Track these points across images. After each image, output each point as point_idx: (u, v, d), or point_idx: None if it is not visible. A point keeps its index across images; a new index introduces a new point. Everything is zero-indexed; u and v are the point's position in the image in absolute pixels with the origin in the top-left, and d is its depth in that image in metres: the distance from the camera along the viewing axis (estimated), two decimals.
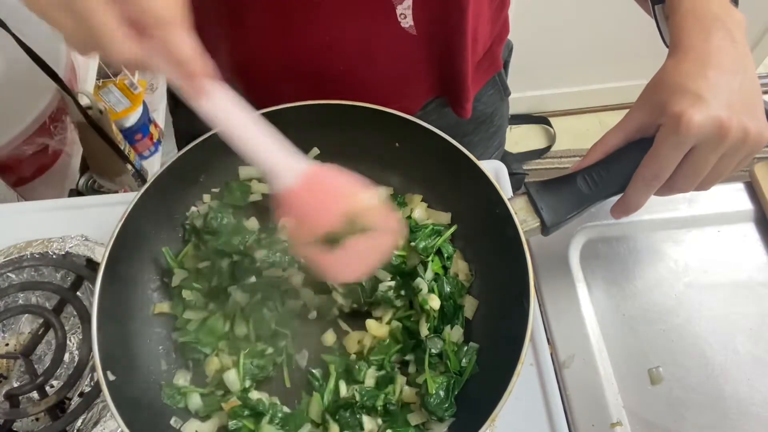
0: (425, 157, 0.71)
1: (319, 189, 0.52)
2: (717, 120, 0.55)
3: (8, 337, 0.70)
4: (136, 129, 1.65)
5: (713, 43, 0.58)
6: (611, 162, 0.62)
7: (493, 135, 1.02)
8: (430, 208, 0.75)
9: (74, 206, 0.83)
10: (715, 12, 0.59)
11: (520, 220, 0.62)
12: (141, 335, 0.67)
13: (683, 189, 0.61)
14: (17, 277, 0.74)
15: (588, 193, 0.63)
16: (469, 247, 0.72)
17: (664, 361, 0.69)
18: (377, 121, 0.70)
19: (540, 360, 0.68)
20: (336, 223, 0.52)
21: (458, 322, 0.68)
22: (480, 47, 0.85)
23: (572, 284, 0.74)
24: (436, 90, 0.86)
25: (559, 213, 0.63)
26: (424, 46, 0.77)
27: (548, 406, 0.65)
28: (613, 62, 2.22)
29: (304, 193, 0.52)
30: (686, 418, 0.66)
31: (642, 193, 0.61)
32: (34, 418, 0.66)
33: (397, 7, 0.71)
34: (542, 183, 0.64)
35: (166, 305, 0.70)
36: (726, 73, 0.57)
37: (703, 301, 0.73)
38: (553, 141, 2.41)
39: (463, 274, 0.71)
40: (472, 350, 0.65)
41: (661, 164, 0.58)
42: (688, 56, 0.58)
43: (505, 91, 0.99)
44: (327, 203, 0.52)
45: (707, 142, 0.56)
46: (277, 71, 0.79)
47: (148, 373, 0.66)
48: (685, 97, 0.56)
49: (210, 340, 0.67)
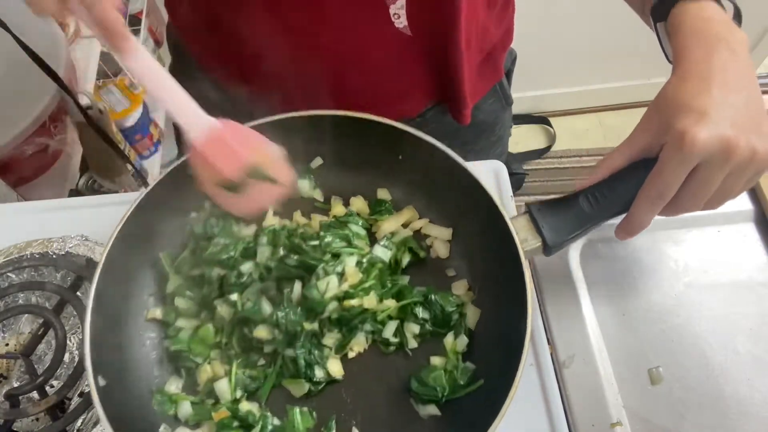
0: (427, 171, 0.71)
1: (222, 143, 0.61)
2: (723, 138, 0.54)
3: (8, 337, 0.70)
4: (136, 129, 1.65)
5: (716, 62, 0.57)
6: (614, 182, 0.62)
7: (494, 144, 1.01)
8: (432, 222, 0.75)
9: (74, 206, 0.83)
10: (717, 31, 0.58)
11: (521, 239, 0.62)
12: (135, 340, 0.67)
13: (689, 208, 0.59)
14: (17, 277, 0.74)
15: (590, 213, 0.62)
16: (470, 264, 0.72)
17: (664, 361, 0.69)
18: (380, 134, 0.70)
19: (540, 360, 0.68)
20: (235, 172, 0.61)
21: (462, 331, 0.67)
22: (476, 50, 0.85)
23: (572, 284, 0.74)
24: (434, 95, 0.86)
25: (561, 233, 0.62)
26: (419, 47, 0.77)
27: (548, 406, 0.65)
28: (613, 62, 2.22)
29: (209, 145, 0.60)
30: (686, 418, 0.66)
31: (646, 212, 0.60)
32: (34, 418, 0.66)
33: (390, 6, 0.71)
34: (544, 203, 0.64)
35: (159, 311, 0.69)
36: (731, 91, 0.56)
37: (703, 301, 0.73)
38: (553, 141, 2.41)
39: (462, 291, 0.71)
40: (467, 371, 0.65)
41: (666, 182, 0.57)
42: (691, 75, 0.57)
43: (506, 101, 0.98)
44: (228, 155, 0.61)
45: (713, 159, 0.55)
46: (276, 73, 0.80)
47: (140, 379, 0.65)
48: (689, 115, 0.55)
49: (202, 349, 0.67)
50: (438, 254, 0.73)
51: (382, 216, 0.74)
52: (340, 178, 0.77)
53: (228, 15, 0.76)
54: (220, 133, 0.60)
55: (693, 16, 0.60)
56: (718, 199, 0.59)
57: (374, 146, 0.72)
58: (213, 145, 0.60)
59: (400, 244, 0.72)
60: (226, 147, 0.61)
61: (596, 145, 2.41)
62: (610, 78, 2.34)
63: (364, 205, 0.76)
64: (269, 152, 0.63)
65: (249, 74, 0.83)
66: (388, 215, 0.75)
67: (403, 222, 0.75)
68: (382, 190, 0.76)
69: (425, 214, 0.75)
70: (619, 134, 2.41)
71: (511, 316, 0.60)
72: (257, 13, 0.73)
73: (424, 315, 0.68)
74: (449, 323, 0.68)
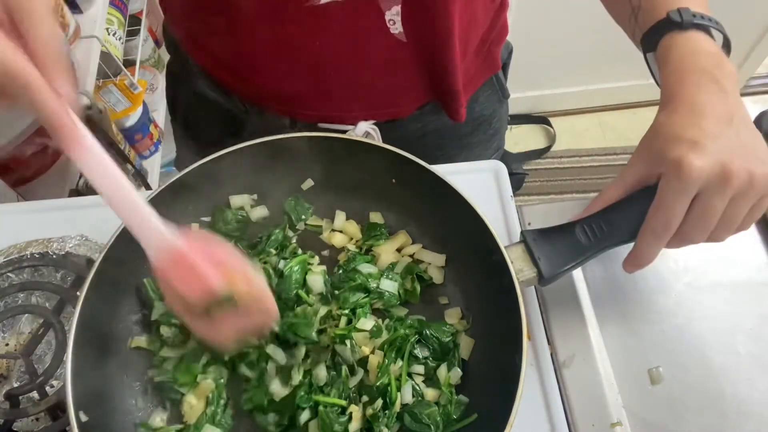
0: (422, 196, 0.70)
1: (186, 263, 0.51)
2: (718, 163, 0.54)
3: (8, 337, 0.70)
4: (136, 129, 1.66)
5: (704, 96, 0.57)
6: (611, 213, 0.62)
7: (491, 137, 1.01)
8: (425, 248, 0.73)
9: (74, 206, 0.83)
10: (705, 65, 0.59)
11: (516, 270, 0.61)
12: (118, 370, 0.64)
13: (694, 239, 0.59)
14: (17, 277, 0.74)
15: (587, 245, 0.61)
16: (463, 292, 0.71)
17: (664, 361, 0.69)
18: (373, 157, 0.69)
19: (540, 360, 0.68)
20: (201, 298, 0.51)
21: (455, 363, 0.66)
22: (472, 50, 0.85)
23: (572, 284, 0.74)
24: (428, 95, 0.86)
25: (557, 264, 0.62)
26: (415, 52, 0.77)
27: (548, 406, 0.65)
28: (613, 62, 2.22)
29: (172, 265, 0.51)
30: (686, 418, 0.66)
31: (653, 245, 0.60)
32: (34, 418, 0.66)
33: (386, 12, 0.71)
34: (540, 231, 0.63)
35: (144, 339, 0.67)
36: (720, 123, 0.56)
37: (703, 301, 0.73)
38: (553, 141, 2.42)
39: (455, 320, 0.70)
40: (461, 404, 0.64)
41: (667, 214, 0.57)
42: (680, 109, 0.58)
43: (503, 93, 0.98)
44: (193, 278, 0.51)
45: (711, 186, 0.55)
46: (270, 71, 0.80)
47: (124, 413, 0.63)
48: (681, 144, 0.55)
49: (187, 379, 0.64)
50: (432, 281, 0.72)
51: (378, 241, 0.73)
52: (331, 200, 0.75)
53: (223, 20, 0.76)
54: (184, 252, 0.51)
55: (680, 50, 0.61)
56: (724, 228, 0.58)
57: (367, 169, 0.71)
58: (176, 266, 0.52)
59: (404, 272, 0.71)
60: (191, 268, 0.52)
61: (596, 145, 2.41)
62: (610, 78, 2.34)
63: (357, 229, 0.75)
64: (245, 274, 0.54)
65: (244, 74, 0.83)
66: (384, 240, 0.73)
67: (397, 247, 0.74)
68: (375, 214, 0.75)
69: (419, 239, 0.74)
70: (619, 134, 2.42)
71: (506, 348, 0.59)
72: (255, 18, 0.73)
73: (424, 353, 0.66)
74: (448, 354, 0.67)
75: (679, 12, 0.61)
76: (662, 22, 0.62)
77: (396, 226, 0.75)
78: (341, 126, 0.83)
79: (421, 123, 0.89)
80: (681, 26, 0.61)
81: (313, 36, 0.73)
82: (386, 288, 0.69)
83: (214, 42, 0.82)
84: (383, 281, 0.69)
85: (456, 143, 0.95)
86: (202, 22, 0.81)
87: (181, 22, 0.88)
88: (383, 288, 0.69)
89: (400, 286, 0.70)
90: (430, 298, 0.72)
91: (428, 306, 0.71)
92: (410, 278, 0.71)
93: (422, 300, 0.71)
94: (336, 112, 0.83)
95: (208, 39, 0.83)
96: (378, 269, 0.71)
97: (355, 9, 0.70)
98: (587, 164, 2.37)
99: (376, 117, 0.83)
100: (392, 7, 0.70)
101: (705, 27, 0.61)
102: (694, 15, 0.61)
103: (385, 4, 0.70)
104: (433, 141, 0.92)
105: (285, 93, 0.82)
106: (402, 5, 0.70)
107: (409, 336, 0.66)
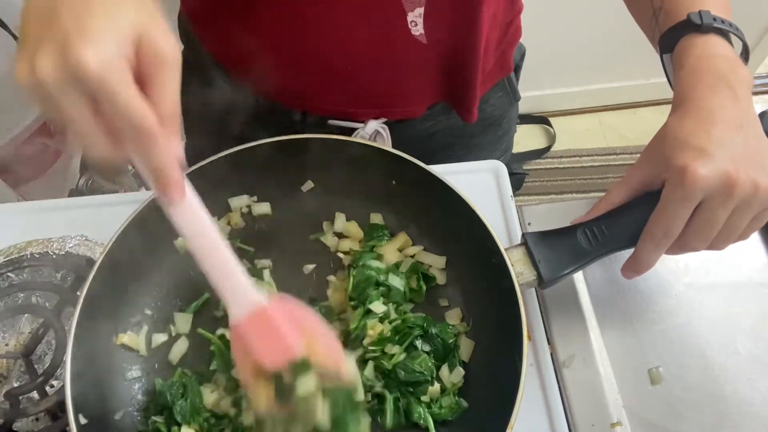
0: (422, 198, 0.70)
1: (269, 325, 0.50)
2: (723, 173, 0.54)
3: (8, 337, 0.70)
4: None
5: (716, 101, 0.57)
6: (613, 217, 0.61)
7: (500, 138, 1.01)
8: (426, 251, 0.73)
9: (74, 206, 0.83)
10: (720, 69, 0.58)
11: (516, 273, 0.61)
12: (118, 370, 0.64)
13: (695, 247, 0.59)
14: (17, 277, 0.74)
15: (588, 249, 0.61)
16: (464, 294, 0.71)
17: (664, 361, 0.69)
18: (374, 159, 0.69)
19: (540, 360, 0.68)
20: (277, 363, 0.49)
21: (456, 363, 0.66)
22: (491, 56, 0.85)
23: (572, 284, 0.74)
24: (442, 95, 0.85)
25: (557, 268, 0.61)
26: (433, 54, 0.76)
27: (548, 406, 0.65)
28: (613, 62, 2.22)
29: (252, 324, 0.50)
30: (686, 418, 0.66)
31: (652, 251, 0.60)
32: (34, 418, 0.66)
33: (409, 14, 0.70)
34: (541, 234, 0.63)
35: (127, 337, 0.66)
36: (729, 130, 0.55)
37: (703, 301, 0.73)
38: (553, 141, 2.41)
39: (456, 321, 0.70)
40: (461, 409, 0.64)
41: (670, 220, 0.57)
42: (690, 113, 0.57)
43: (514, 95, 0.97)
44: (273, 341, 0.50)
45: (715, 195, 0.54)
46: (286, 64, 0.79)
47: (123, 416, 0.63)
48: (687, 152, 0.55)
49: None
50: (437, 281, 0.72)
51: (380, 242, 0.73)
52: (331, 202, 0.75)
53: (241, 8, 0.75)
54: (268, 312, 0.50)
55: (697, 52, 0.60)
56: (725, 237, 0.58)
57: (367, 170, 0.71)
58: (256, 326, 0.50)
59: (409, 272, 0.71)
60: (273, 331, 0.50)
61: (596, 145, 2.41)
62: (610, 78, 2.34)
63: (358, 230, 0.75)
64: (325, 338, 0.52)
65: (259, 65, 0.83)
66: (386, 241, 0.73)
67: (398, 248, 0.73)
68: (375, 215, 0.75)
69: (419, 241, 0.74)
70: (619, 134, 2.42)
71: (506, 350, 0.59)
72: (271, 5, 0.72)
73: (425, 347, 0.66)
74: (448, 354, 0.66)
75: (700, 14, 0.60)
76: (682, 23, 0.62)
77: (396, 227, 0.75)
78: (352, 123, 0.83)
79: (430, 122, 0.89)
80: (700, 29, 0.60)
81: (331, 32, 0.73)
82: (394, 284, 0.69)
83: (229, 32, 0.81)
84: (391, 276, 0.70)
85: (465, 143, 0.95)
86: (218, 11, 0.80)
87: (195, 10, 0.87)
88: (391, 283, 0.69)
89: (405, 285, 0.70)
90: (430, 300, 0.71)
91: (428, 307, 0.71)
92: (415, 277, 0.71)
93: (423, 301, 0.71)
94: (348, 108, 0.83)
95: (223, 29, 0.83)
96: (385, 265, 0.71)
97: (377, 5, 0.69)
98: (587, 164, 2.36)
99: (387, 116, 0.83)
100: (415, 8, 0.70)
101: (724, 32, 0.61)
102: (714, 18, 0.60)
103: (408, 5, 0.70)
104: (441, 141, 0.92)
105: (297, 84, 0.82)
106: (426, 7, 0.70)
107: (414, 329, 0.66)
